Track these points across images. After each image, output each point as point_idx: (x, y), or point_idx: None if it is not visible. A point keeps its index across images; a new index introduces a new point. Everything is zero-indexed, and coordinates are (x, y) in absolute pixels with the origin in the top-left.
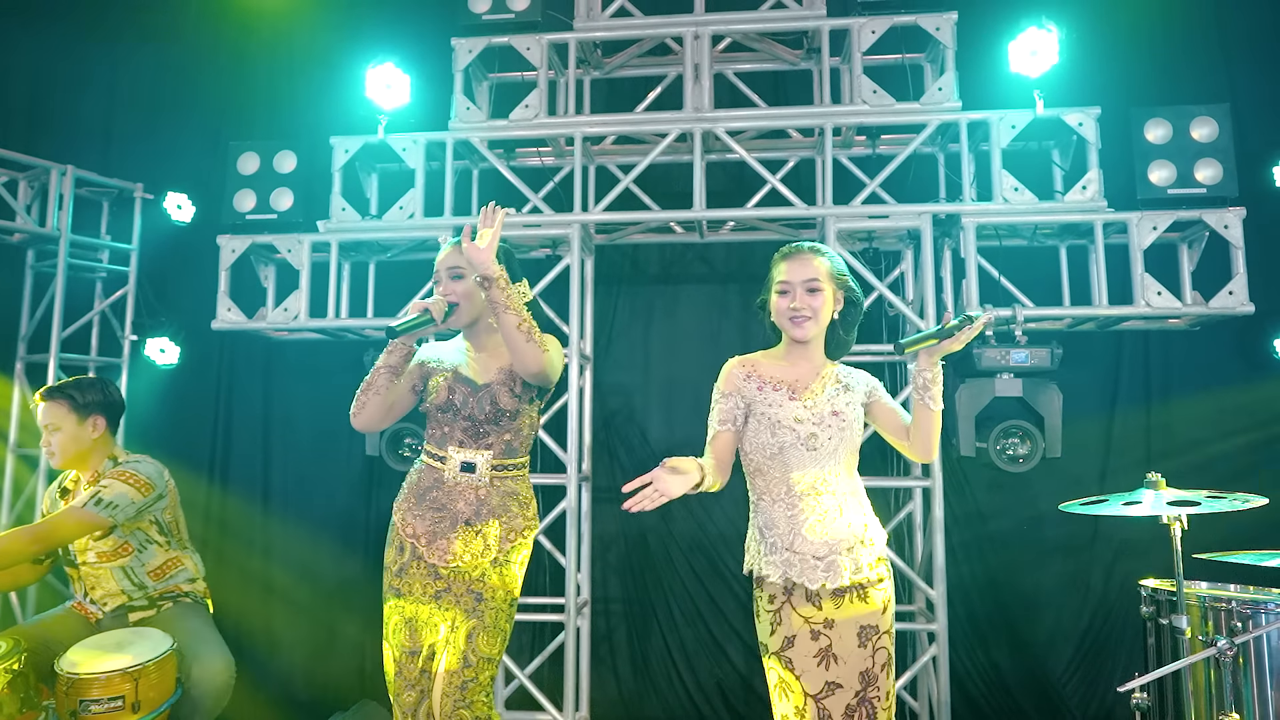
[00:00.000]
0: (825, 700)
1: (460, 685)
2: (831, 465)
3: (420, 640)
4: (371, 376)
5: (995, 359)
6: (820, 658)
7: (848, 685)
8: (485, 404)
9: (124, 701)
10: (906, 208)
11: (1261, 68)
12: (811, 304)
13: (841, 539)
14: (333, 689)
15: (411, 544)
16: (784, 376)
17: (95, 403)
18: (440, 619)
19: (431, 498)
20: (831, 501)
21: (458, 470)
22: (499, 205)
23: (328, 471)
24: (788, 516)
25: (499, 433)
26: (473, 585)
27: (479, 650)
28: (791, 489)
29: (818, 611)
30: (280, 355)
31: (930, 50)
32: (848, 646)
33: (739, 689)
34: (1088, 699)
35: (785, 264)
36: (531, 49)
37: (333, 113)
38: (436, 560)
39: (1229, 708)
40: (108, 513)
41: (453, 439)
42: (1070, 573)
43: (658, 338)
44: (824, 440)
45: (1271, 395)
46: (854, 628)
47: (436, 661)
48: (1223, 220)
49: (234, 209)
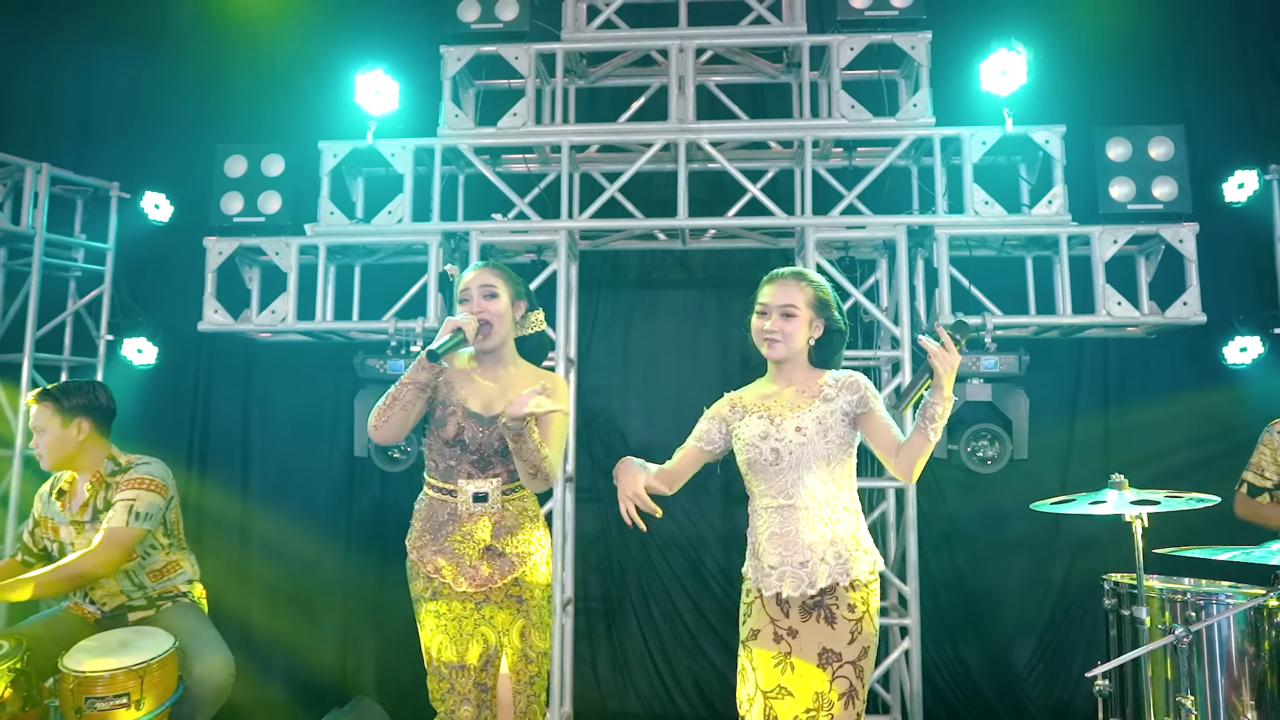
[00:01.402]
0: (775, 700)
1: (528, 680)
2: (795, 476)
3: (468, 654)
4: (397, 391)
5: (966, 364)
6: (778, 661)
7: (799, 696)
8: (495, 440)
9: (129, 699)
10: (883, 219)
11: (1211, 90)
12: (784, 328)
13: (794, 553)
14: (316, 689)
15: (437, 579)
16: (763, 400)
17: (80, 406)
18: (485, 627)
19: (449, 531)
20: (794, 515)
21: (470, 502)
22: (486, 211)
23: (310, 472)
24: (758, 527)
25: (506, 463)
26: (510, 590)
27: (535, 646)
28: (761, 500)
29: (784, 618)
30: (261, 357)
31: (904, 67)
32: (807, 659)
33: (716, 684)
34: (1049, 690)
35: (768, 287)
36: (520, 58)
37: (320, 117)
38: (469, 588)
39: (1185, 691)
40: (148, 524)
41: (461, 472)
42: (1033, 570)
43: (637, 341)
44: (785, 455)
45: (1221, 400)
46: (815, 647)
47: (494, 673)
48: (1178, 235)
49: (220, 211)
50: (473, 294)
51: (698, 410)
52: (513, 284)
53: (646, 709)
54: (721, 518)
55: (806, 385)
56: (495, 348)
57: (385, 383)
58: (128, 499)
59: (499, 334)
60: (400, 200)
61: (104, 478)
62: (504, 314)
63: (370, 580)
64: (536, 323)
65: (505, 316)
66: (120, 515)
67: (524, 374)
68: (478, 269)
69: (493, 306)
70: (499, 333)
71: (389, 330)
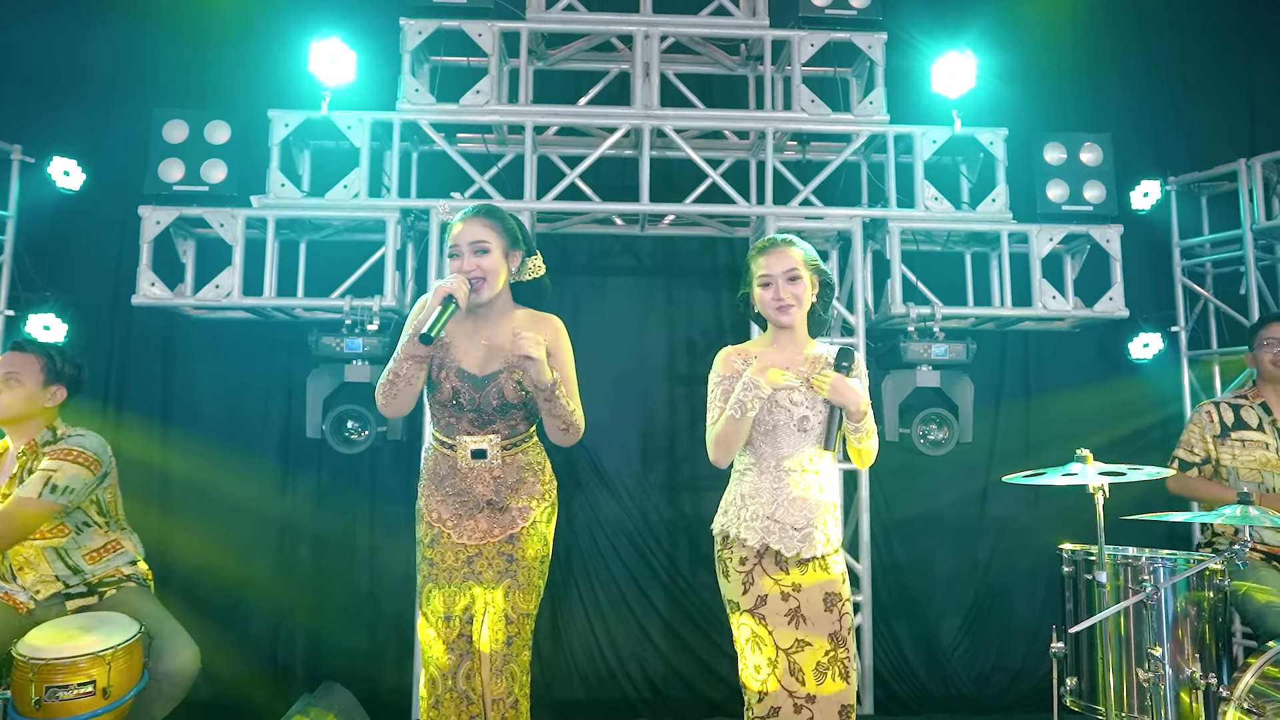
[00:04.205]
0: (795, 655)
1: (506, 640)
2: (818, 446)
3: (454, 605)
4: (397, 368)
5: (918, 352)
6: (790, 617)
7: (817, 645)
8: (491, 399)
9: (95, 687)
10: (840, 210)
11: (1128, 102)
12: (794, 292)
13: (818, 514)
14: (242, 686)
15: (439, 526)
16: (776, 361)
17: (68, 374)
18: (473, 582)
19: (450, 484)
20: (814, 479)
21: (469, 457)
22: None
23: (240, 459)
24: (773, 488)
25: (505, 419)
26: (502, 548)
27: (518, 607)
28: (780, 463)
29: (785, 576)
30: (185, 336)
31: (856, 66)
32: (815, 610)
33: (659, 667)
34: (972, 663)
35: (764, 258)
36: (484, 35)
37: (266, 85)
38: (467, 540)
39: (1145, 649)
40: (65, 499)
41: (461, 429)
42: (960, 550)
43: (586, 327)
44: (815, 423)
45: (1126, 391)
46: (819, 594)
47: (477, 625)
48: (1105, 235)
49: (159, 179)
50: (463, 250)
51: (644, 396)
52: (507, 234)
53: (590, 694)
54: (666, 502)
55: (809, 353)
56: (489, 301)
57: (341, 361)
58: (48, 470)
59: (492, 289)
60: (356, 174)
61: (37, 447)
62: (497, 269)
63: (304, 569)
64: (535, 269)
65: (499, 272)
66: (33, 486)
67: (521, 322)
68: (467, 219)
69: (485, 263)
70: (492, 288)
71: (344, 308)
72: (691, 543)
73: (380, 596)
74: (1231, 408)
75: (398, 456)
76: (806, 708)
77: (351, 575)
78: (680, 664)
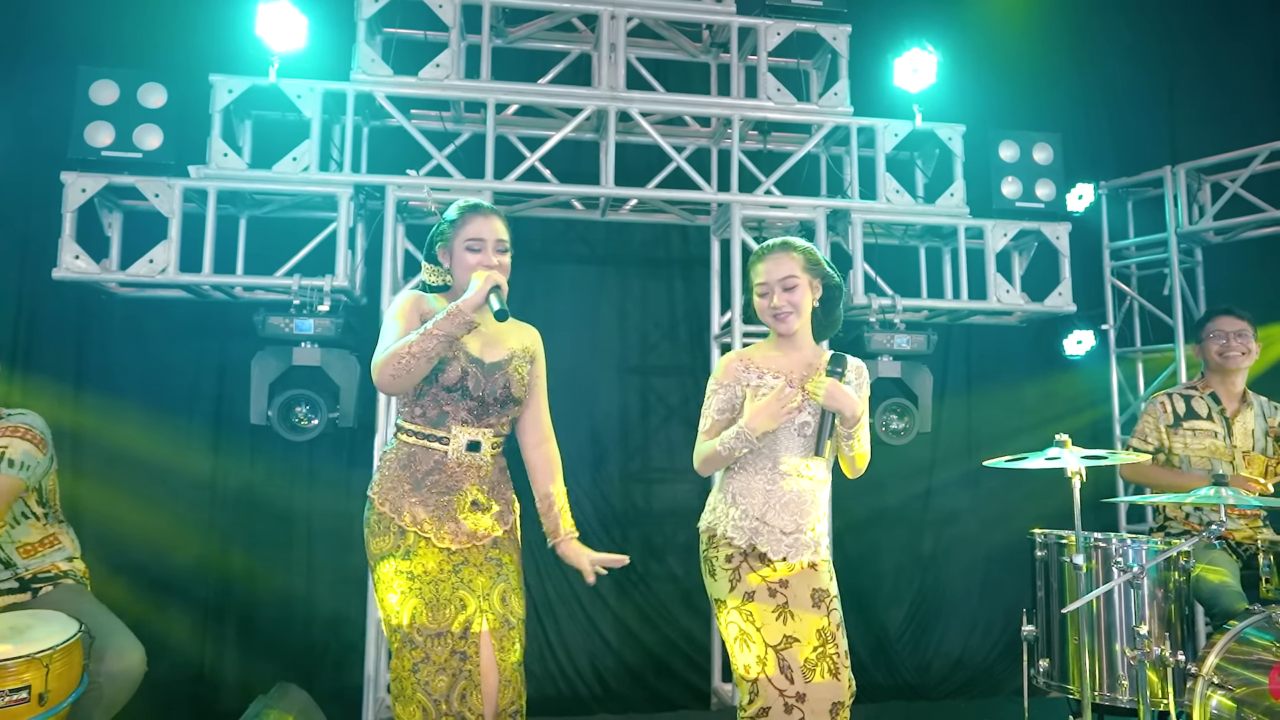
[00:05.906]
0: (784, 652)
1: (511, 646)
2: (815, 453)
3: (446, 619)
4: (424, 342)
5: (881, 343)
6: (778, 613)
7: (805, 640)
8: (498, 388)
9: (30, 692)
10: (804, 200)
11: (1071, 105)
12: (791, 300)
13: (807, 519)
14: (169, 687)
15: (414, 531)
16: (780, 366)
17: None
18: (464, 591)
19: (433, 481)
20: (808, 485)
21: (463, 450)
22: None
23: (164, 448)
24: (766, 489)
25: (502, 415)
26: (489, 552)
27: (515, 612)
28: (776, 465)
29: (773, 572)
30: (101, 315)
31: (818, 57)
32: (803, 605)
33: (610, 663)
34: (915, 651)
35: (761, 265)
36: (444, 7)
37: (207, 48)
38: (450, 544)
39: (1116, 629)
40: (24, 474)
41: (456, 418)
42: (904, 542)
43: (537, 316)
44: (814, 429)
45: (1060, 385)
46: (806, 589)
47: (474, 640)
48: (1055, 232)
49: (84, 143)
50: (488, 246)
51: (595, 386)
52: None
53: (540, 692)
54: (618, 494)
55: (815, 360)
56: None
57: (289, 344)
58: None
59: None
60: (307, 146)
61: None
62: (508, 269)
63: (235, 566)
64: None
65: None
66: None
67: (506, 326)
68: (486, 215)
69: (506, 261)
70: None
71: (292, 288)
72: (643, 536)
73: (316, 595)
74: (1183, 398)
75: (338, 446)
76: (797, 707)
77: (287, 572)
78: (633, 662)
